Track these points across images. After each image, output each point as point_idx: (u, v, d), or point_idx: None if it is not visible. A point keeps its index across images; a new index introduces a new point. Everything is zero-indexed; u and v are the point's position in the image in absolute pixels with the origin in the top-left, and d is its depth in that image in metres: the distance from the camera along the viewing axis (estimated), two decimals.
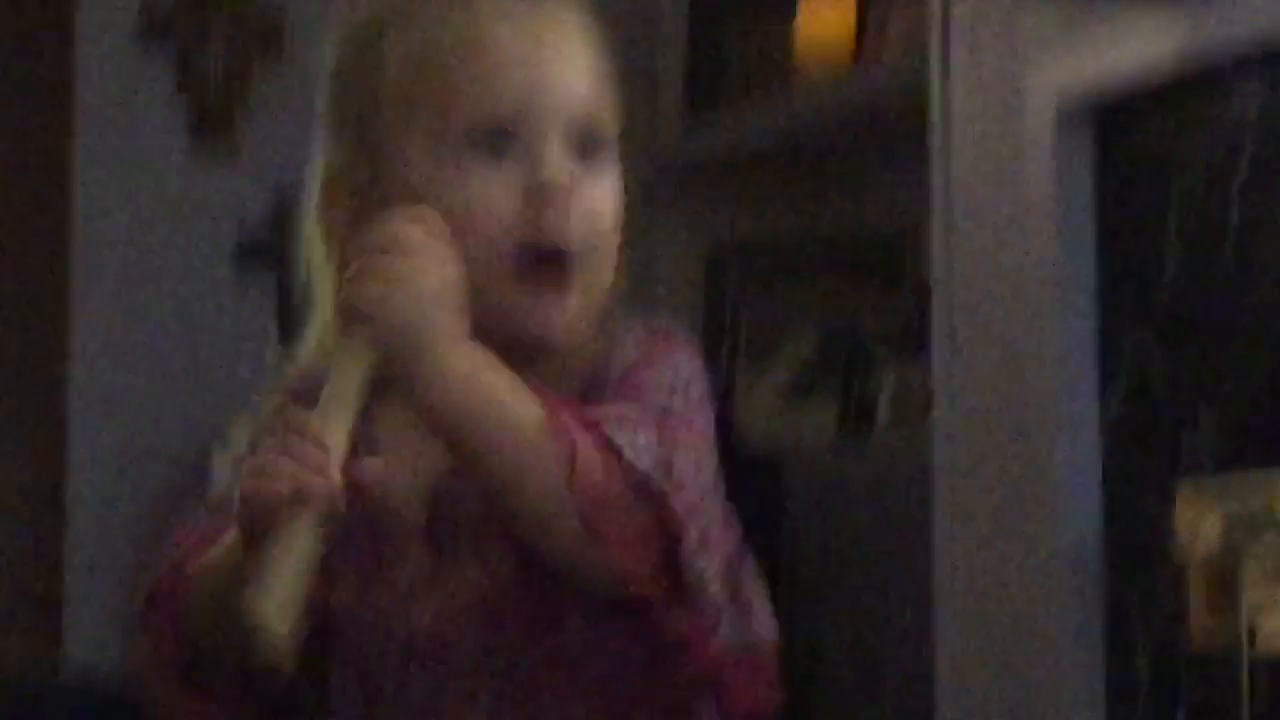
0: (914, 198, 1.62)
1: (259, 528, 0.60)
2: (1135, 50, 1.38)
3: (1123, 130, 1.46)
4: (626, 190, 0.76)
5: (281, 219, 1.60)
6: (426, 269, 0.65)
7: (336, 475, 0.60)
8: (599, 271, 0.74)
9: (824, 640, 1.80)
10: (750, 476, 1.60)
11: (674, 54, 2.08)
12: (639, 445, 0.66)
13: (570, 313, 0.73)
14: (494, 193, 0.71)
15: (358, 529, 0.67)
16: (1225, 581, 1.32)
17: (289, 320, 1.18)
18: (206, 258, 1.92)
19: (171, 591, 0.69)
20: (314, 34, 0.81)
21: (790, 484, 1.81)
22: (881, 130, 1.82)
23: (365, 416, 0.66)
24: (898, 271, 1.88)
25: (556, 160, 0.71)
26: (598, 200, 0.73)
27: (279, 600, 0.55)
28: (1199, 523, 1.35)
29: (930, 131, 1.55)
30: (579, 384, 0.75)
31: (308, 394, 0.68)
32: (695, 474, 0.70)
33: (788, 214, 2.06)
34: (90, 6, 1.95)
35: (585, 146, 0.73)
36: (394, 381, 0.65)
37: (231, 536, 0.63)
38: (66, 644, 1.83)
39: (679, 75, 2.03)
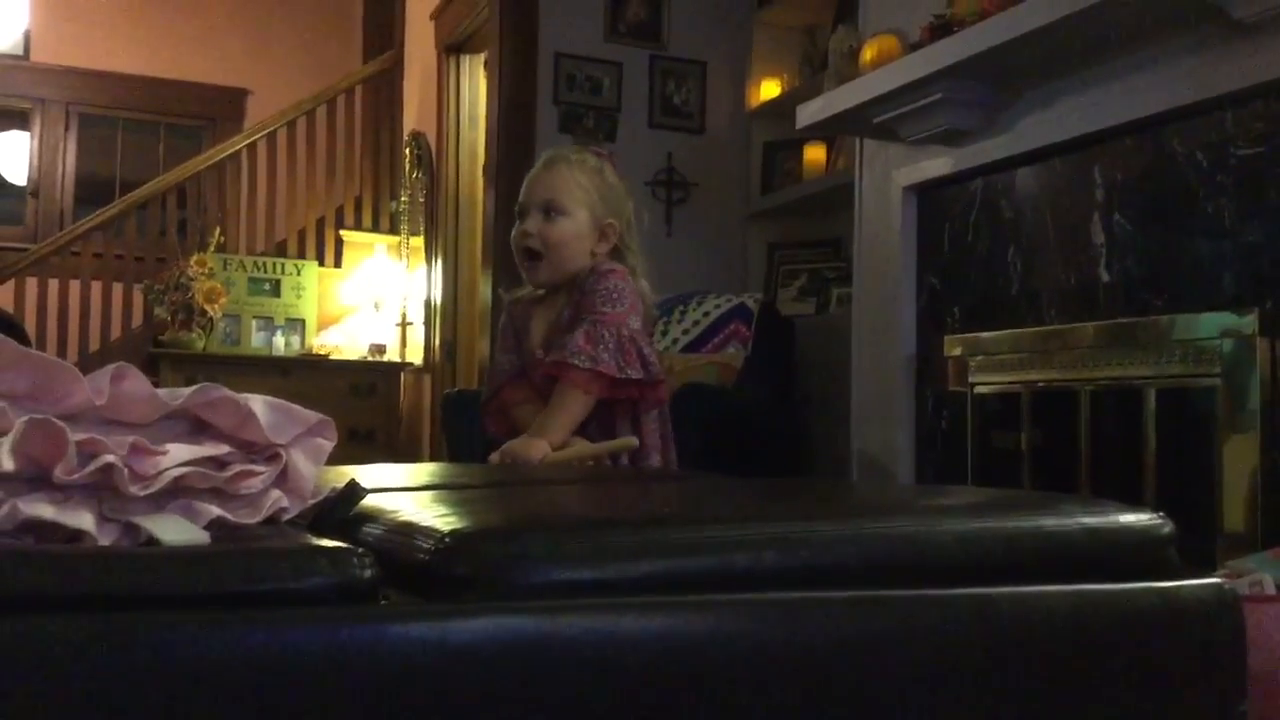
0: (848, 220, 3.22)
1: None
2: (931, 167, 2.80)
3: (927, 196, 2.88)
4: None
5: None
6: (528, 449, 1.99)
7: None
8: (553, 259, 2.12)
9: (808, 393, 3.47)
10: (782, 328, 3.41)
11: (757, 168, 4.01)
12: (581, 352, 1.99)
13: (541, 274, 2.16)
14: (518, 231, 2.16)
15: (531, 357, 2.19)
16: (962, 369, 2.64)
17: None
18: None
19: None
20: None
21: (797, 331, 3.45)
22: (837, 198, 3.49)
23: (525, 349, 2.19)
24: (842, 250, 3.64)
25: (531, 220, 2.13)
26: (552, 233, 2.13)
27: None
28: (952, 349, 2.66)
29: (856, 195, 3.10)
30: (576, 299, 2.10)
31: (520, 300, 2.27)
32: (608, 342, 2.00)
33: (799, 230, 3.91)
34: None
35: (548, 213, 2.13)
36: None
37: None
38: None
39: (759, 178, 3.94)
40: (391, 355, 5.65)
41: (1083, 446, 2.30)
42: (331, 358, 5.54)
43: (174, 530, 0.77)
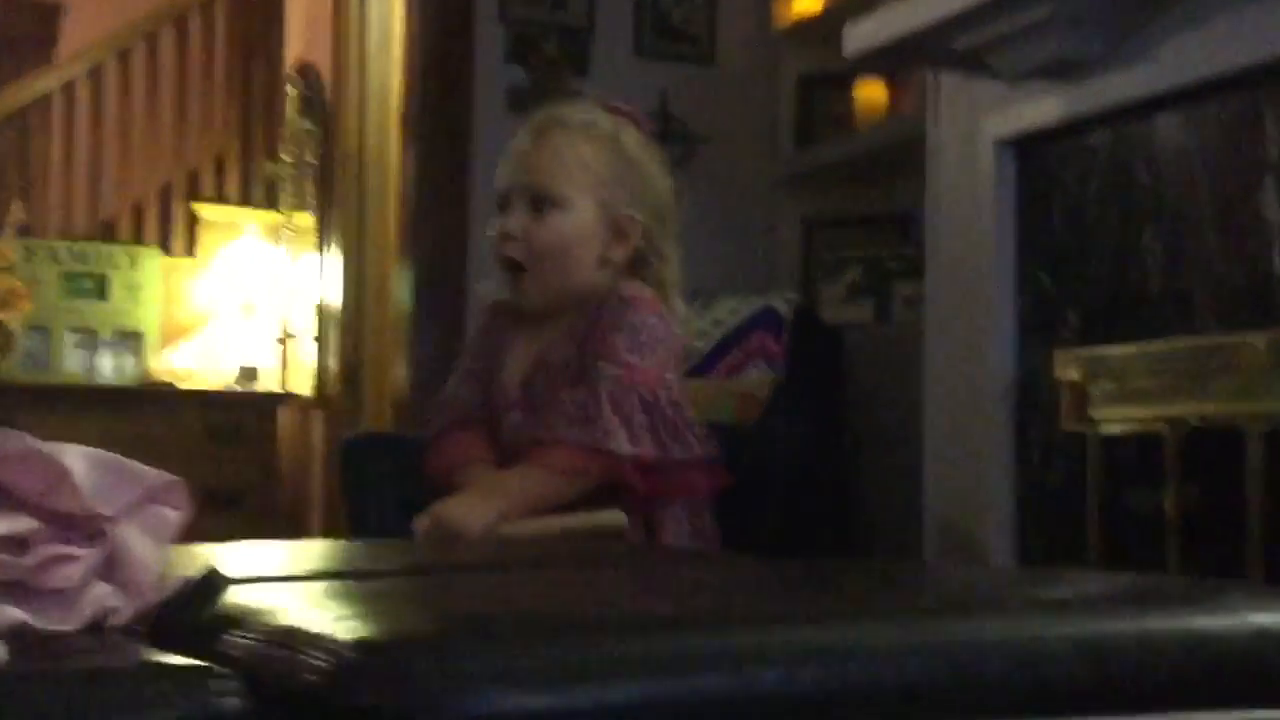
0: (918, 188, 3.22)
1: None
2: (1036, 113, 2.82)
3: (1031, 154, 2.87)
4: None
5: None
6: (468, 515, 1.96)
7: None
8: (545, 272, 2.10)
9: (861, 421, 3.49)
10: (826, 341, 3.43)
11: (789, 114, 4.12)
12: (578, 426, 1.97)
13: (528, 291, 2.13)
14: (497, 232, 2.14)
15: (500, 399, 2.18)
16: (1081, 398, 2.58)
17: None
18: None
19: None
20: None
21: (847, 346, 3.47)
22: (902, 156, 3.47)
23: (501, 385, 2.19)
24: (910, 230, 3.64)
25: (514, 217, 2.11)
26: (542, 235, 2.10)
27: None
28: (1067, 371, 2.60)
29: (930, 152, 3.13)
30: (581, 330, 2.08)
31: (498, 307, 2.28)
32: (630, 413, 1.98)
33: (849, 201, 3.97)
34: None
35: (537, 205, 2.11)
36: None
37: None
38: None
39: (792, 127, 4.00)
40: (268, 382, 5.65)
41: (1253, 510, 2.30)
42: (182, 386, 5.53)
43: None
